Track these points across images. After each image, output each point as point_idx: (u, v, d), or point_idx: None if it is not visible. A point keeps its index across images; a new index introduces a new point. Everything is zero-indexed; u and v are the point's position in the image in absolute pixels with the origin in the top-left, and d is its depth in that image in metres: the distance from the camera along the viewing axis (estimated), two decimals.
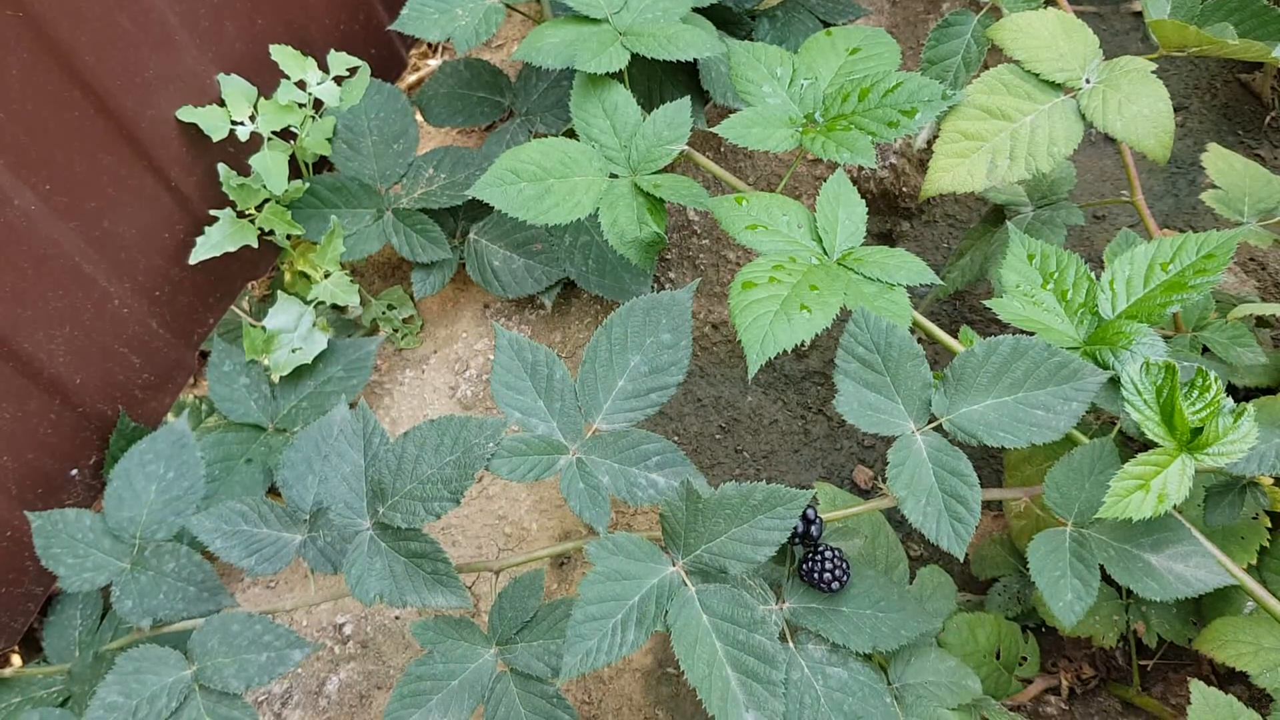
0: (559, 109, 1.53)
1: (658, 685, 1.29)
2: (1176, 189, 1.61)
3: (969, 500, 0.92)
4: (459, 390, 1.52)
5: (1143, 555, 0.95)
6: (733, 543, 0.90)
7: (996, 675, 1.19)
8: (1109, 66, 1.14)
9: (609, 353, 0.99)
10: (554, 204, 1.16)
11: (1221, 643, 1.06)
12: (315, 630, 1.39)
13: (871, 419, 0.95)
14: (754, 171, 1.64)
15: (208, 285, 1.42)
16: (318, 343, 1.40)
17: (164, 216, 1.33)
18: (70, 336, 1.23)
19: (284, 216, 1.39)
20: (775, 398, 1.50)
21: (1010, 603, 1.26)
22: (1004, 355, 0.95)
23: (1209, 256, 1.01)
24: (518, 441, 0.97)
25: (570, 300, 1.57)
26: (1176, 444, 0.92)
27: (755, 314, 0.99)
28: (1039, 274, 1.07)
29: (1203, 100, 1.69)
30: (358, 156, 1.47)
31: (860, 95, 1.16)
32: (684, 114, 1.21)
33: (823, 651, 0.98)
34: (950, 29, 1.29)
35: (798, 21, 1.53)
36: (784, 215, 1.10)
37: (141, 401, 1.37)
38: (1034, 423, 0.93)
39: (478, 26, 1.39)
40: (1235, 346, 1.17)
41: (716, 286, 1.55)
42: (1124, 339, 0.99)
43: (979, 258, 1.36)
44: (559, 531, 1.41)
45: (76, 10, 1.13)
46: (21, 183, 1.13)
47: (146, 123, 1.26)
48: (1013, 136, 1.13)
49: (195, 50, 1.30)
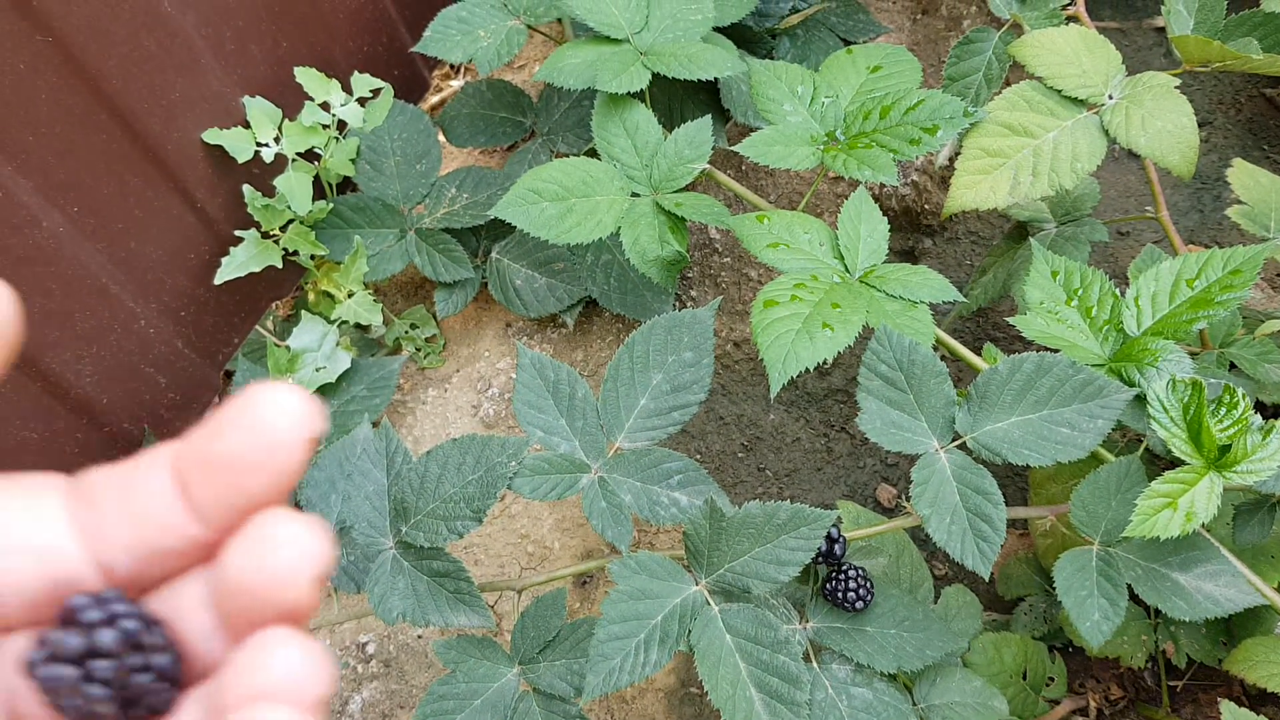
0: (580, 129, 1.54)
1: (681, 705, 1.29)
2: (1202, 205, 1.60)
3: (994, 519, 0.92)
4: (481, 409, 1.52)
5: (1171, 574, 0.94)
6: (756, 562, 0.89)
7: (1023, 696, 1.18)
8: (1132, 82, 1.13)
9: (631, 371, 0.99)
10: (576, 223, 1.16)
11: (1252, 663, 1.04)
12: (338, 649, 1.39)
13: (895, 437, 0.95)
14: (775, 189, 1.64)
15: (232, 305, 1.43)
16: (341, 362, 1.41)
17: (189, 237, 1.34)
18: (97, 356, 1.24)
19: (308, 237, 1.40)
20: (798, 415, 1.50)
21: (1037, 622, 1.25)
22: (1028, 372, 0.94)
23: (1235, 272, 1.00)
24: (540, 460, 0.97)
25: (592, 319, 1.57)
26: (1204, 462, 0.91)
27: (777, 332, 0.99)
28: (1063, 291, 1.07)
29: (1227, 116, 1.68)
30: (381, 177, 1.48)
31: (882, 113, 1.16)
32: (705, 133, 1.21)
33: (847, 671, 0.98)
34: (971, 46, 1.29)
35: (818, 40, 1.53)
36: (805, 233, 1.10)
37: (167, 421, 1.38)
38: (1059, 440, 0.92)
39: (500, 48, 1.40)
40: (1263, 363, 1.16)
41: (738, 304, 1.55)
42: (1150, 356, 0.98)
43: (1002, 274, 1.35)
44: (581, 550, 1.41)
45: (105, 34, 1.14)
46: (50, 204, 1.14)
47: (172, 145, 1.27)
48: (1035, 153, 1.13)
49: (220, 73, 1.32)
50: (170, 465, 0.33)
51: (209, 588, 0.34)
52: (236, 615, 0.32)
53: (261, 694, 0.30)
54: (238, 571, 0.32)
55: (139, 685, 0.32)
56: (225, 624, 0.33)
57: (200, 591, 0.34)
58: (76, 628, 0.31)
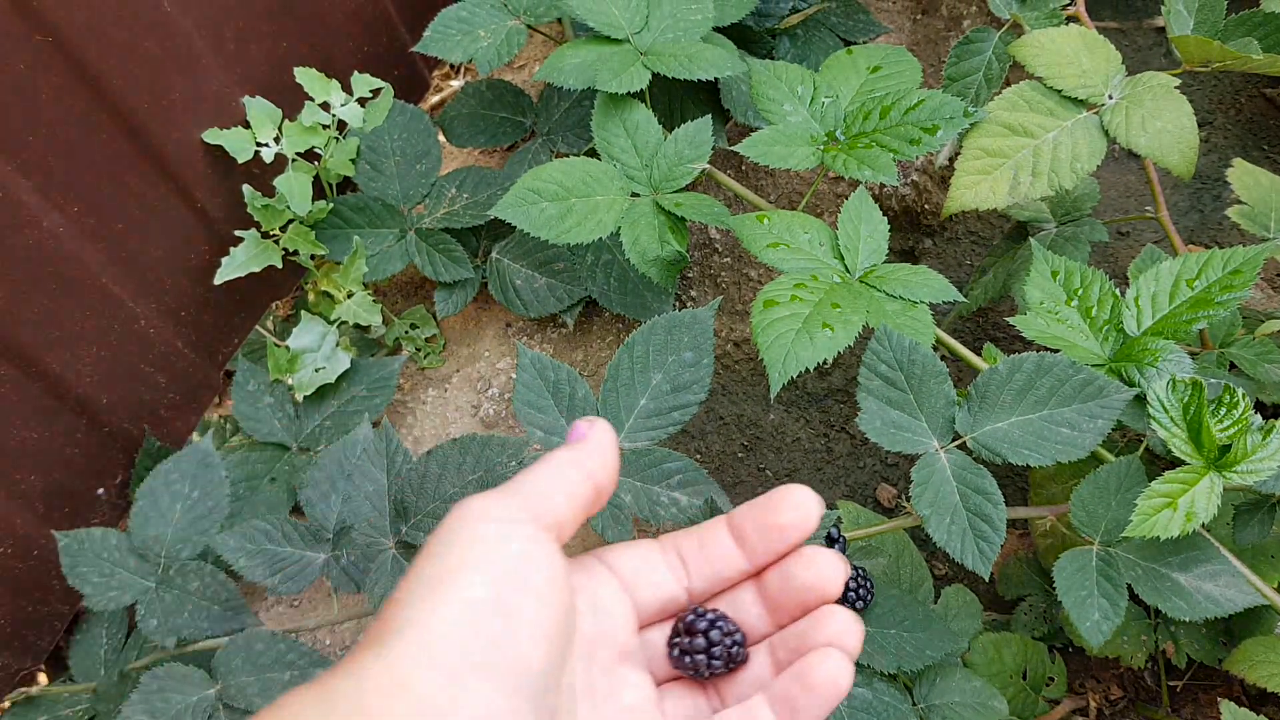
0: (580, 129, 1.54)
1: None
2: (1202, 204, 1.60)
3: (994, 519, 0.92)
4: (481, 409, 1.52)
5: (1171, 574, 0.94)
6: None
7: (1023, 696, 1.18)
8: (1132, 82, 1.13)
9: (631, 372, 0.99)
10: (576, 223, 1.16)
11: (1252, 663, 1.05)
12: (339, 649, 1.39)
13: (894, 437, 0.95)
14: (775, 189, 1.64)
15: (232, 305, 1.43)
16: (341, 362, 1.41)
17: (190, 237, 1.34)
18: (98, 356, 1.24)
19: (308, 237, 1.40)
20: (798, 415, 1.50)
21: (1037, 622, 1.25)
22: (1028, 373, 0.94)
23: (1235, 272, 1.00)
24: None
25: (592, 319, 1.57)
26: (1204, 462, 0.91)
27: (777, 333, 0.99)
28: (1063, 291, 1.07)
29: (1227, 116, 1.68)
30: (381, 177, 1.48)
31: (882, 113, 1.16)
32: (705, 133, 1.21)
33: None
34: (971, 46, 1.29)
35: (818, 40, 1.53)
36: (805, 233, 1.10)
37: (167, 421, 1.38)
38: (1059, 441, 0.92)
39: (500, 48, 1.40)
40: (1263, 363, 1.16)
41: (738, 304, 1.55)
42: (1150, 356, 0.98)
43: (1002, 274, 1.35)
44: (581, 548, 1.41)
45: (105, 34, 1.14)
46: (50, 204, 1.14)
47: (173, 145, 1.27)
48: (1035, 153, 1.13)
49: (221, 73, 1.32)
50: (727, 527, 0.62)
51: (758, 593, 0.62)
52: (791, 605, 0.60)
53: (829, 641, 0.57)
54: (800, 579, 0.60)
55: (731, 651, 0.59)
56: (773, 612, 0.61)
57: (752, 595, 0.62)
58: (695, 624, 0.59)
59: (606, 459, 0.59)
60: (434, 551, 0.51)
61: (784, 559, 0.61)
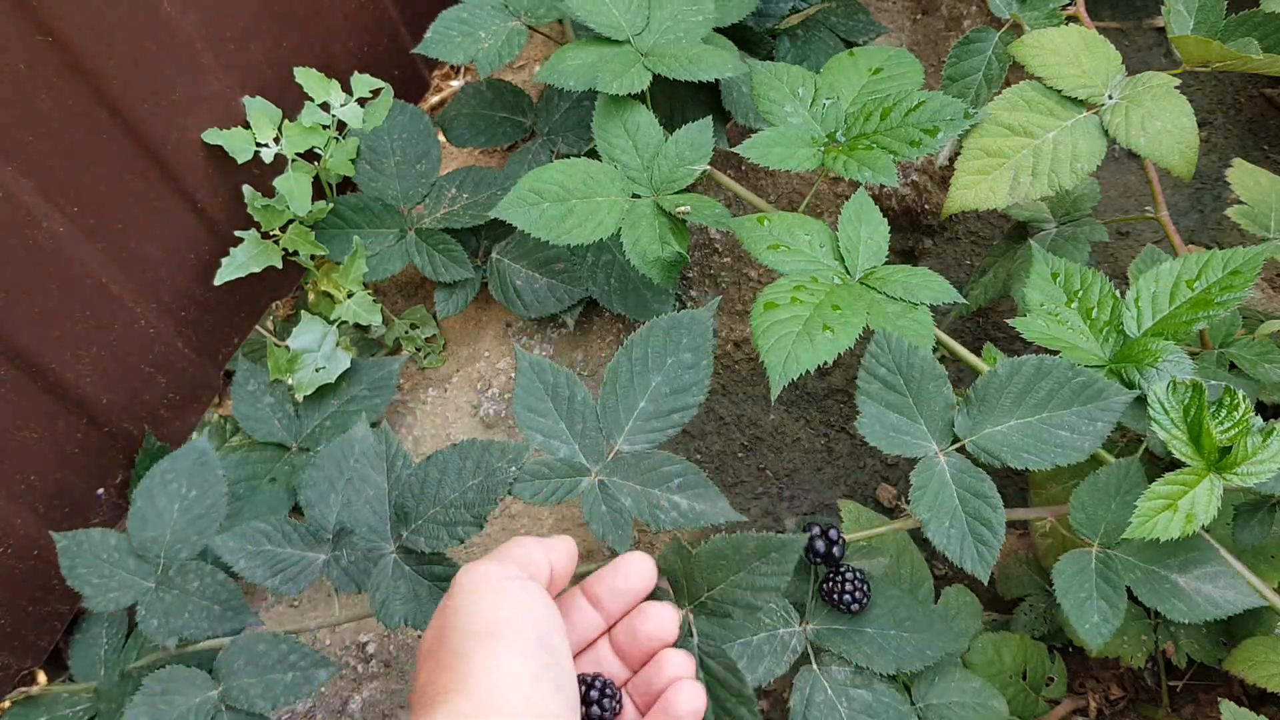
0: (581, 129, 1.54)
1: None
2: (1202, 204, 1.60)
3: (993, 522, 0.92)
4: (481, 409, 1.52)
5: (1170, 576, 0.94)
6: (734, 589, 0.90)
7: (1023, 696, 1.18)
8: (1132, 82, 1.13)
9: (630, 373, 0.99)
10: (576, 224, 1.16)
11: (1252, 663, 1.05)
12: (339, 649, 1.39)
13: (894, 440, 0.95)
14: (776, 190, 1.64)
15: (233, 305, 1.43)
16: (341, 362, 1.41)
17: (190, 237, 1.34)
18: (98, 356, 1.24)
19: (308, 237, 1.40)
20: (798, 415, 1.50)
21: (1037, 622, 1.25)
22: (1027, 375, 0.94)
23: (1235, 273, 1.00)
24: (540, 465, 0.97)
25: (592, 319, 1.57)
26: (1204, 463, 0.91)
27: (778, 334, 0.99)
28: (1063, 292, 1.07)
29: (1227, 116, 1.68)
30: (381, 177, 1.48)
31: (882, 114, 1.16)
32: (706, 134, 1.21)
33: (846, 673, 0.98)
34: (971, 46, 1.29)
35: (819, 40, 1.53)
36: (806, 235, 1.10)
37: (167, 421, 1.38)
38: (1059, 443, 0.92)
39: (500, 49, 1.40)
40: (1263, 363, 1.16)
41: (738, 304, 1.55)
42: (1150, 357, 0.98)
43: (1002, 275, 1.35)
44: (582, 551, 1.41)
45: (105, 34, 1.14)
46: (50, 204, 1.14)
47: (172, 145, 1.27)
48: (1035, 153, 1.13)
49: (221, 73, 1.31)
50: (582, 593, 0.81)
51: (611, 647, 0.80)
52: (639, 654, 0.79)
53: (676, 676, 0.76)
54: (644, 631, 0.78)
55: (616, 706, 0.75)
56: (625, 659, 0.79)
57: (607, 649, 0.80)
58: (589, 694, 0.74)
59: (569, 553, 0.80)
60: (463, 611, 0.68)
61: (628, 615, 0.80)
